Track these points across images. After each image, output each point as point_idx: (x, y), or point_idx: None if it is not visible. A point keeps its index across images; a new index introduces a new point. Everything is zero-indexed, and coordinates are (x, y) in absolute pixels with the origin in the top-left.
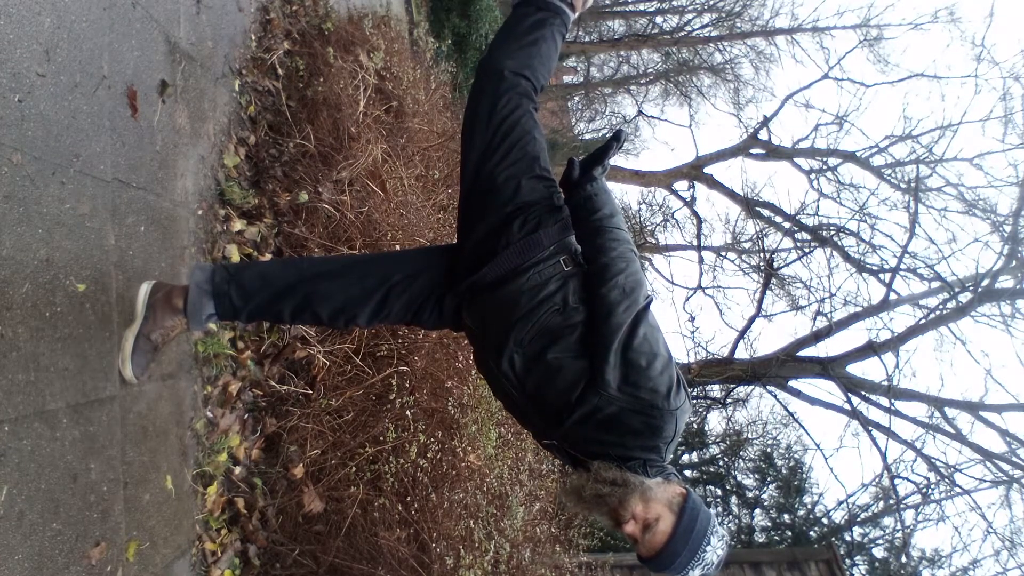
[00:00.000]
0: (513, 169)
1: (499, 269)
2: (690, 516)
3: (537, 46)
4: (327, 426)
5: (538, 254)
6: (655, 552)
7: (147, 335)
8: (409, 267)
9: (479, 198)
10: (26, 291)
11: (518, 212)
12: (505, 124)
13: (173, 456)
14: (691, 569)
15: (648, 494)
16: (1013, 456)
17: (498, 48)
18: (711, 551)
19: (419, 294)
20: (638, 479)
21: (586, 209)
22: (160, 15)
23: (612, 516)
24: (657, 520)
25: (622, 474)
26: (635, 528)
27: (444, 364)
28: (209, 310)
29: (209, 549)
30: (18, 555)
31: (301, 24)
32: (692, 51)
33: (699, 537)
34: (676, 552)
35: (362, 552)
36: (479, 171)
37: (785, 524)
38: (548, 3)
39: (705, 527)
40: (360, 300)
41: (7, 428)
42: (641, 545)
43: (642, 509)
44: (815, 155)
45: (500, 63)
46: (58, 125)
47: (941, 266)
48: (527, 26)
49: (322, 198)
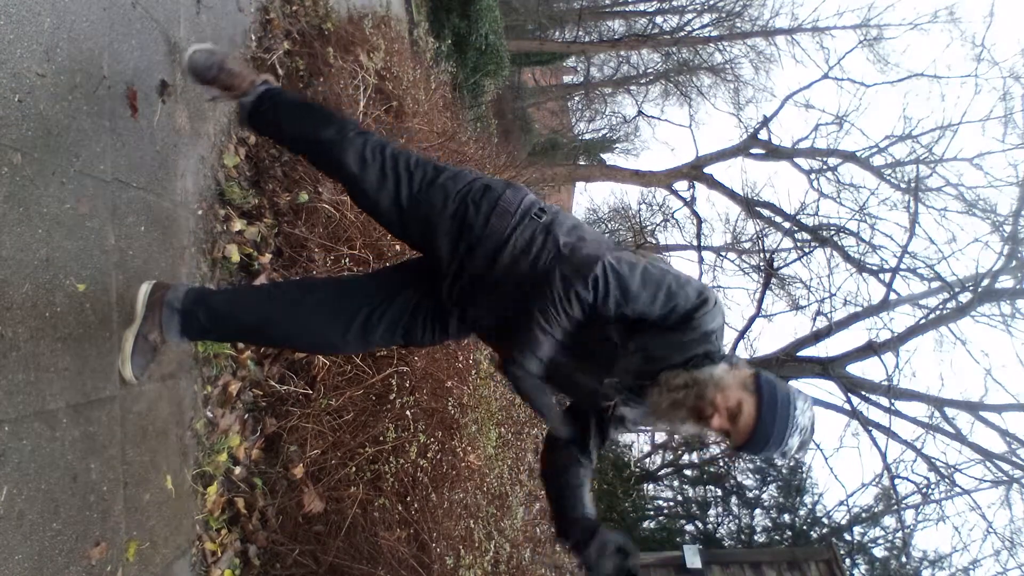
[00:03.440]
0: (427, 178)
1: (487, 248)
2: (768, 390)
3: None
4: (327, 426)
5: (510, 220)
6: (750, 435)
7: (146, 335)
8: (384, 292)
9: (419, 223)
10: (26, 291)
11: (463, 203)
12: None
13: (173, 456)
14: (789, 438)
15: (721, 383)
16: (1013, 456)
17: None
18: (800, 415)
19: (400, 314)
20: (706, 372)
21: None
22: (160, 15)
23: (695, 416)
24: (740, 405)
25: (689, 375)
26: (722, 420)
27: (444, 364)
28: (176, 327)
29: (209, 549)
30: (18, 555)
31: (301, 24)
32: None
33: (785, 406)
34: (769, 428)
35: (362, 552)
36: (400, 204)
37: (785, 524)
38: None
39: (787, 395)
40: (338, 336)
41: (7, 428)
42: (734, 435)
43: (721, 399)
44: (815, 155)
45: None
46: (58, 125)
47: (941, 266)
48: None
49: (322, 198)
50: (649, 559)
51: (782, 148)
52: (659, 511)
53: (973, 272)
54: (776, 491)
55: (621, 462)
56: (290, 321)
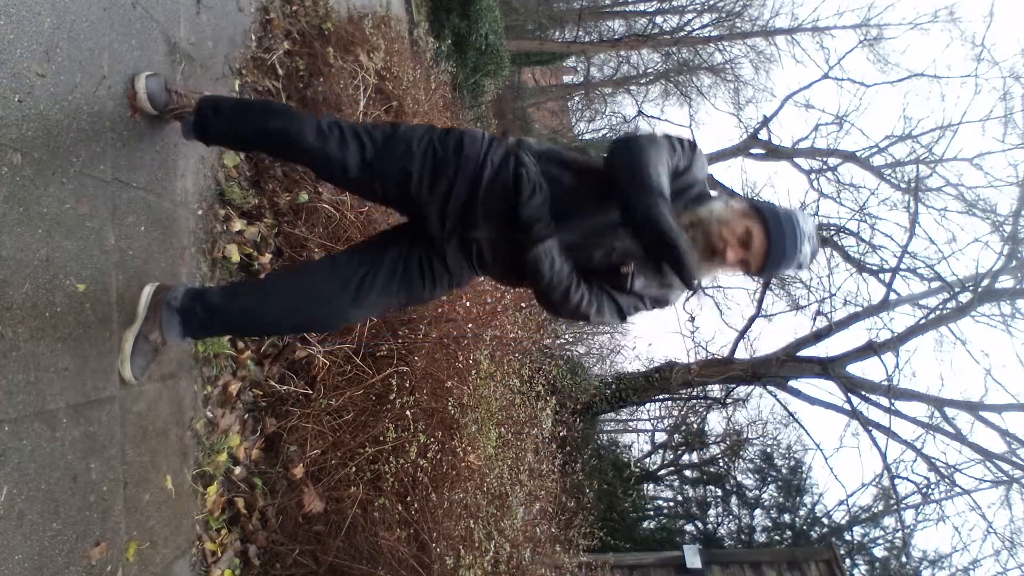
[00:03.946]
0: (386, 133)
1: (467, 173)
2: (769, 211)
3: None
4: (327, 426)
5: (480, 144)
6: (766, 254)
7: (146, 335)
8: (372, 253)
9: (393, 177)
10: (26, 291)
11: (429, 144)
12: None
13: (173, 456)
14: (801, 247)
15: (723, 217)
16: (1013, 456)
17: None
18: (804, 223)
19: (393, 269)
20: (705, 210)
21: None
22: (160, 15)
23: (710, 251)
24: (748, 231)
25: (692, 213)
26: (736, 250)
27: (444, 364)
28: (176, 326)
29: (209, 549)
30: (18, 555)
31: (301, 24)
32: (692, 51)
33: (788, 220)
34: (781, 242)
35: (362, 552)
36: (369, 163)
37: (785, 524)
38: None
39: (786, 211)
40: (337, 305)
41: (7, 428)
42: (752, 260)
43: (728, 231)
44: (815, 155)
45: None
46: (58, 125)
47: (941, 266)
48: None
49: (322, 198)
50: (649, 559)
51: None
52: (659, 511)
53: (973, 272)
54: (776, 491)
55: (621, 462)
56: (287, 298)
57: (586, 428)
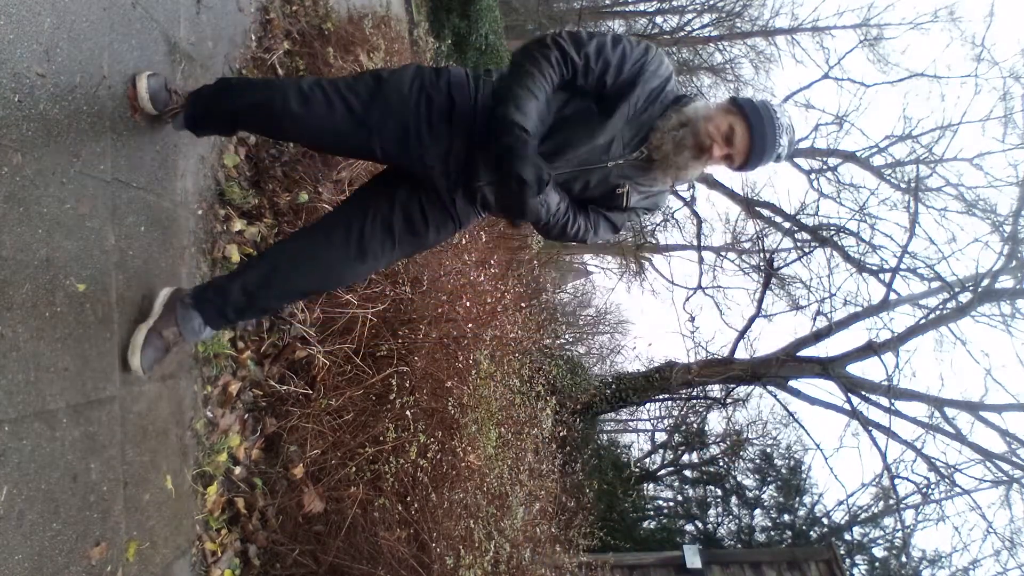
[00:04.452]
0: (371, 85)
1: (460, 117)
2: (749, 106)
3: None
4: (327, 426)
5: (468, 87)
6: (749, 148)
7: (160, 331)
8: (367, 202)
9: (389, 129)
10: (26, 291)
11: (421, 91)
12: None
13: (173, 456)
14: (780, 139)
15: (708, 113)
16: (1013, 456)
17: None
18: (782, 116)
19: (390, 214)
20: (691, 109)
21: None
22: (160, 15)
23: (698, 149)
24: (731, 128)
25: (680, 113)
26: (721, 146)
27: (444, 364)
28: (193, 320)
29: (209, 549)
30: (18, 555)
31: (301, 24)
32: (692, 51)
33: (768, 113)
34: (762, 136)
35: (362, 552)
36: (360, 119)
37: (785, 524)
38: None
39: (764, 104)
40: (341, 275)
41: (7, 428)
42: (736, 155)
43: (713, 127)
44: (815, 155)
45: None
46: (58, 125)
47: (941, 266)
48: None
49: (322, 198)
50: (649, 559)
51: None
52: (659, 511)
53: (973, 272)
54: (776, 491)
55: (621, 462)
56: (292, 274)
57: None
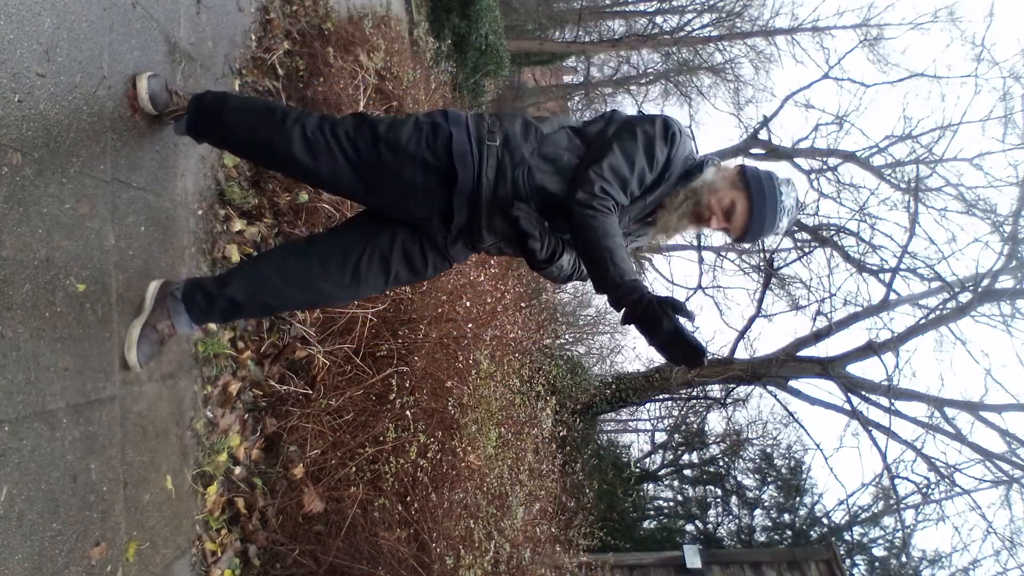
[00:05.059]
0: (368, 140)
1: (464, 190)
2: (755, 183)
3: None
4: (327, 426)
5: (471, 160)
6: (746, 227)
7: (154, 325)
8: (361, 242)
9: (388, 187)
10: (26, 291)
11: (417, 150)
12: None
13: (173, 456)
14: (779, 222)
15: (713, 186)
16: (1013, 456)
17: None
18: (786, 199)
19: (388, 255)
20: (698, 181)
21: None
22: (160, 15)
23: (697, 219)
24: (733, 203)
25: (687, 188)
26: (719, 219)
27: (444, 364)
28: (183, 314)
29: (209, 549)
30: (18, 555)
31: (301, 24)
32: (692, 51)
33: (772, 195)
34: (761, 217)
35: (362, 552)
36: (360, 173)
37: (785, 524)
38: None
39: (771, 184)
40: (331, 297)
41: (7, 428)
42: (732, 229)
43: (715, 201)
44: (815, 155)
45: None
46: (58, 125)
47: (941, 266)
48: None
49: (322, 198)
50: (649, 559)
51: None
52: (659, 511)
53: (973, 272)
54: (776, 491)
55: (621, 462)
56: (280, 287)
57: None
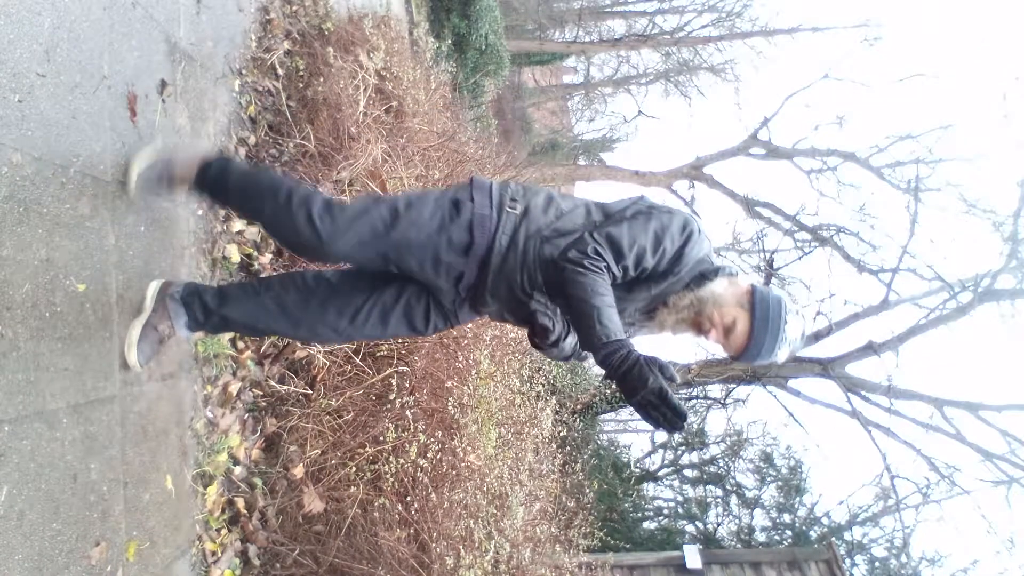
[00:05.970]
0: (386, 222)
1: (476, 256)
2: (761, 308)
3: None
4: (327, 426)
5: (490, 225)
6: (742, 348)
7: (155, 325)
8: (367, 291)
9: (405, 261)
10: (26, 291)
11: (444, 233)
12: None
13: (173, 456)
14: (778, 349)
15: (719, 300)
16: (1013, 456)
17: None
18: (790, 329)
19: (390, 309)
20: (707, 290)
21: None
22: (160, 15)
23: (696, 328)
24: (734, 322)
25: (693, 294)
26: (718, 334)
27: (444, 364)
28: (183, 317)
29: (209, 549)
30: (18, 555)
31: (301, 24)
32: (692, 51)
33: (775, 323)
34: (760, 343)
35: (362, 552)
36: (379, 252)
37: (785, 524)
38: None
39: (777, 312)
40: (327, 337)
41: (7, 428)
42: (728, 346)
43: (718, 315)
44: (815, 155)
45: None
46: (58, 125)
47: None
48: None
49: None
50: (649, 559)
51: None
52: (659, 511)
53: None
54: (776, 491)
55: (621, 462)
56: (281, 318)
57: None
